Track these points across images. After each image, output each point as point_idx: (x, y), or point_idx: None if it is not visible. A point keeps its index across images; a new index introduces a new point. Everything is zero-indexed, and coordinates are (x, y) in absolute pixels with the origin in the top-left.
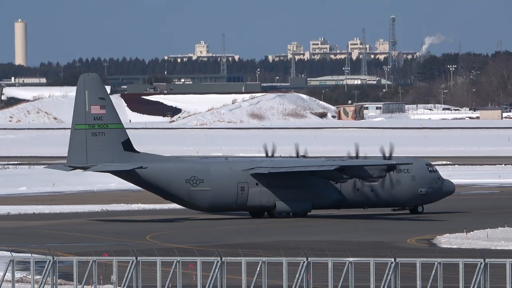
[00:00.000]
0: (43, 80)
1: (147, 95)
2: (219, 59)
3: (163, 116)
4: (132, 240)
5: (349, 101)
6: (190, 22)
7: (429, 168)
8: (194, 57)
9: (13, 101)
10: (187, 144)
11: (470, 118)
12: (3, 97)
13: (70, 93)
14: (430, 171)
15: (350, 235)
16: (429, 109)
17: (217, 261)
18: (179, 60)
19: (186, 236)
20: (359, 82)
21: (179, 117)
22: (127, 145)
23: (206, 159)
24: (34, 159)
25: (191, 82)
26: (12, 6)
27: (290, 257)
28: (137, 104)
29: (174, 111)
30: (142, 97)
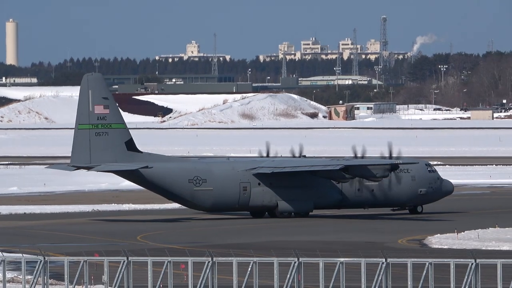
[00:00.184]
0: (34, 80)
1: (138, 95)
2: (210, 59)
3: (154, 116)
4: (123, 240)
5: (340, 101)
6: (182, 22)
7: (429, 168)
8: (185, 57)
9: (4, 101)
10: (178, 144)
11: (461, 119)
12: None
13: (61, 93)
14: (430, 171)
15: (342, 235)
16: (420, 109)
17: (208, 261)
18: (170, 60)
19: (178, 236)
20: (350, 82)
21: (170, 117)
22: (130, 145)
23: (208, 159)
24: (25, 159)
25: (182, 82)
26: (3, 6)
27: (281, 258)
28: (128, 104)
29: (165, 111)
30: (133, 97)
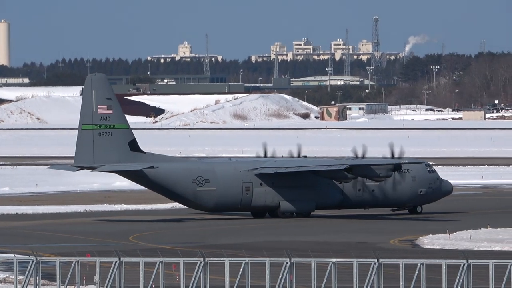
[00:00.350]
0: (26, 80)
1: (130, 96)
2: (202, 60)
3: (146, 117)
4: (115, 241)
5: (332, 102)
6: (174, 23)
7: (428, 169)
8: (177, 58)
9: None
10: (170, 145)
11: (453, 119)
12: None
13: (53, 94)
14: (429, 172)
15: (334, 236)
16: (412, 110)
17: (200, 262)
18: (162, 61)
19: (170, 237)
20: (342, 83)
21: (162, 118)
22: (134, 145)
23: (210, 159)
24: (17, 160)
25: (174, 83)
26: None
27: (273, 258)
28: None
29: (157, 112)
30: (125, 98)
